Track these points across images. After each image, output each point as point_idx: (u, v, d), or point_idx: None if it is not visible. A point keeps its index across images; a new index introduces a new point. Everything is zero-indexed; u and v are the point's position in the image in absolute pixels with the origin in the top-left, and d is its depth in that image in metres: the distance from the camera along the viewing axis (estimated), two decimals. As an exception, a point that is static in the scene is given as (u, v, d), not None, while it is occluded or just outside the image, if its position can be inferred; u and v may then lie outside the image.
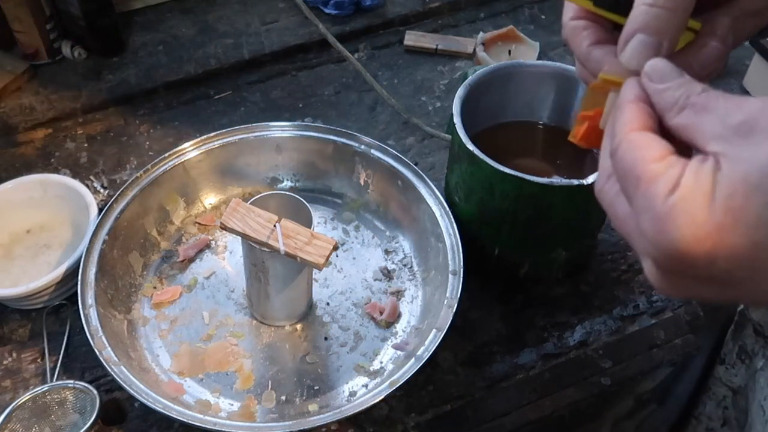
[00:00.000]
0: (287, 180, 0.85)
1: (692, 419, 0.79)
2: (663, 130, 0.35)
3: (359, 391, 0.69)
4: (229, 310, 0.75)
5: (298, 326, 0.74)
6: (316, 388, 0.70)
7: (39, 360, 0.71)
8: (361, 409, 0.63)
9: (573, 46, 0.44)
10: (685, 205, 0.31)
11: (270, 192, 0.71)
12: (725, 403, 0.74)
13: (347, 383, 0.70)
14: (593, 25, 0.44)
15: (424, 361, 0.64)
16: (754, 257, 0.30)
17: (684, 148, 0.34)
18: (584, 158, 0.76)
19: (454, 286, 0.69)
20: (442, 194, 0.76)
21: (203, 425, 0.62)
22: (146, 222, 0.77)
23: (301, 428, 0.62)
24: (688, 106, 0.34)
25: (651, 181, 0.32)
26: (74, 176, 0.84)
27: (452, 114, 0.69)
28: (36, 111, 0.92)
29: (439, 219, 0.74)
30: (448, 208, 0.74)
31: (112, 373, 0.63)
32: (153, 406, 0.62)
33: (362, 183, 0.82)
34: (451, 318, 0.67)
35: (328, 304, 0.75)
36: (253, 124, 0.82)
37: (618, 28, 0.41)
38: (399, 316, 0.74)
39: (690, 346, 0.75)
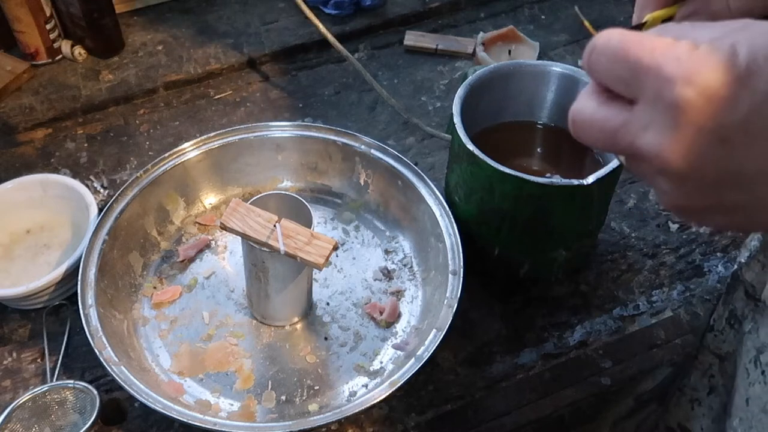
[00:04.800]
0: (287, 180, 0.85)
1: (676, 392, 0.79)
2: None
3: (359, 391, 0.69)
4: (229, 310, 0.75)
5: (298, 326, 0.74)
6: (316, 388, 0.70)
7: (39, 360, 0.71)
8: (361, 409, 0.63)
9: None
10: (714, 54, 0.31)
11: (270, 192, 0.71)
12: (711, 371, 0.73)
13: (347, 383, 0.70)
14: None
15: (424, 361, 0.64)
16: None
17: None
18: (584, 158, 0.76)
19: (454, 286, 0.69)
20: (442, 194, 0.76)
21: (203, 425, 0.62)
22: (146, 222, 0.78)
23: (301, 428, 0.62)
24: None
25: (670, 44, 0.32)
26: (74, 176, 0.84)
27: (452, 114, 0.69)
28: (36, 111, 0.92)
29: (439, 219, 0.74)
30: (448, 208, 0.74)
31: (112, 373, 0.63)
32: (153, 406, 0.62)
33: (362, 183, 0.82)
34: (451, 318, 0.67)
35: (328, 304, 0.75)
36: (253, 124, 0.82)
37: None
38: (399, 316, 0.74)
39: (690, 346, 0.75)
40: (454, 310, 0.67)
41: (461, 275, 0.69)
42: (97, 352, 0.64)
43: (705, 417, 0.75)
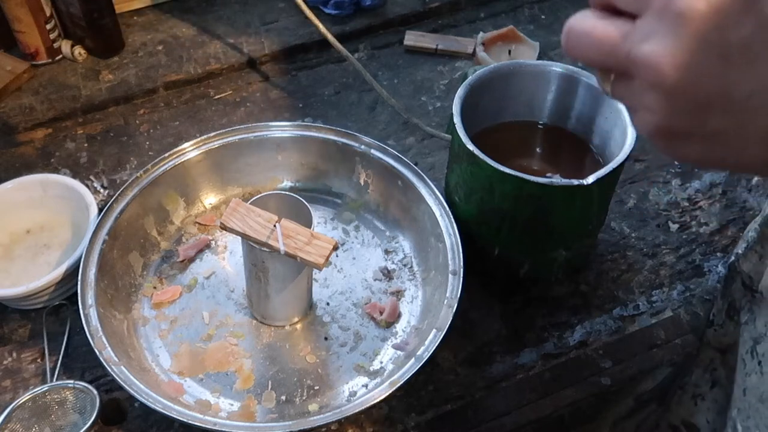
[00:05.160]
0: (287, 180, 0.85)
1: (677, 390, 0.79)
2: None
3: (359, 391, 0.69)
4: (229, 310, 0.75)
5: (298, 326, 0.74)
6: (316, 388, 0.70)
7: (39, 360, 0.71)
8: (361, 409, 0.63)
9: None
10: None
11: (270, 192, 0.71)
12: (713, 365, 0.73)
13: (347, 383, 0.70)
14: None
15: (424, 361, 0.64)
16: None
17: None
18: (584, 158, 0.76)
19: (454, 286, 0.69)
20: (442, 194, 0.76)
21: (203, 425, 0.62)
22: (146, 222, 0.78)
23: (301, 428, 0.62)
24: None
25: None
26: (74, 176, 0.84)
27: (452, 114, 0.69)
28: (36, 111, 0.92)
29: (439, 219, 0.74)
30: (448, 208, 0.74)
31: (112, 373, 0.63)
32: (153, 406, 0.62)
33: (362, 183, 0.82)
34: (451, 318, 0.67)
35: (328, 304, 0.75)
36: (253, 124, 0.82)
37: None
38: (399, 316, 0.74)
39: (690, 346, 0.75)
40: (454, 310, 0.67)
41: (461, 275, 0.69)
42: (97, 352, 0.64)
43: (710, 411, 0.75)
